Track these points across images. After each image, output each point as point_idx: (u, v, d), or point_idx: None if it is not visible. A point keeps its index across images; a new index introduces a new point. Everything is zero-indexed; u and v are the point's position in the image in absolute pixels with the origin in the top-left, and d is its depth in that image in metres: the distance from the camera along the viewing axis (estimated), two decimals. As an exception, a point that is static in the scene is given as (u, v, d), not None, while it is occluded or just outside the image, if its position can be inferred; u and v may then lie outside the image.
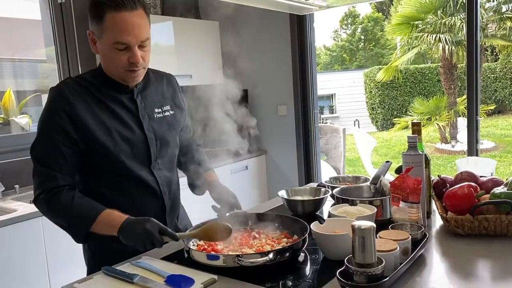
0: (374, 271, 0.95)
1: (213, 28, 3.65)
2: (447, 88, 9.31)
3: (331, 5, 2.02)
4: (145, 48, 1.30)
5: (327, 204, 1.64)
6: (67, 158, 1.28)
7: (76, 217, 1.27)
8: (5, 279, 2.12)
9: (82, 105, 1.29)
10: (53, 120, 1.27)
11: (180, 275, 1.11)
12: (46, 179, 1.28)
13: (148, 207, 1.39)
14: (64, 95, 1.28)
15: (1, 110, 3.06)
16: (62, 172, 1.28)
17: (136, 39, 1.25)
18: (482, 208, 1.29)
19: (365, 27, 18.56)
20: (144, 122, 1.37)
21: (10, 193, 2.63)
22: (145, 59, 1.32)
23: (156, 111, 1.42)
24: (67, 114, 1.27)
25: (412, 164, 1.35)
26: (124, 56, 1.27)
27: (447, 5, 8.94)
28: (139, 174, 1.36)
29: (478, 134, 2.97)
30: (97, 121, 1.30)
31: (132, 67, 1.29)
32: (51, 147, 1.27)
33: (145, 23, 1.29)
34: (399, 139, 10.26)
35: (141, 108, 1.39)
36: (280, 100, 3.72)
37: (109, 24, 1.23)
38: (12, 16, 3.28)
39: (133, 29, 1.24)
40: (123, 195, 1.35)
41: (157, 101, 1.44)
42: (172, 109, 1.47)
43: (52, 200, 1.27)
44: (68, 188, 1.29)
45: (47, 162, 1.28)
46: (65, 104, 1.27)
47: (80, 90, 1.31)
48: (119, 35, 1.24)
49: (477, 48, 2.88)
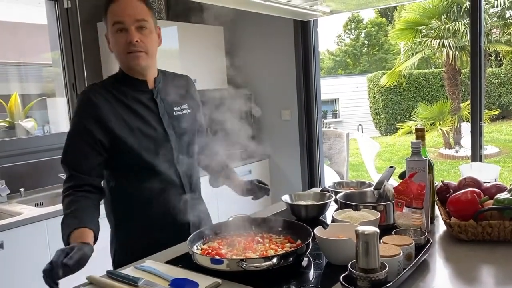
0: (377, 276, 0.95)
1: (218, 33, 3.67)
2: (450, 93, 9.29)
3: (335, 11, 2.03)
4: (144, 32, 1.39)
5: (331, 209, 1.64)
6: (89, 158, 1.37)
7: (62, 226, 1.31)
8: (9, 282, 2.13)
9: (106, 107, 1.39)
10: (79, 122, 1.38)
11: (184, 278, 1.12)
12: (67, 179, 1.38)
13: (172, 200, 1.46)
14: (90, 99, 1.39)
15: (6, 114, 3.08)
16: (83, 172, 1.36)
17: (130, 18, 1.36)
18: (486, 214, 1.29)
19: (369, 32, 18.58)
20: (164, 120, 1.46)
21: (16, 196, 2.65)
22: (146, 42, 1.40)
23: (175, 109, 1.51)
24: (92, 116, 1.37)
25: (416, 170, 1.35)
26: (123, 38, 1.37)
27: (451, 11, 8.94)
28: (161, 169, 1.43)
29: (482, 140, 2.96)
30: (121, 121, 1.39)
31: (131, 47, 1.37)
32: (75, 147, 1.38)
33: (142, 7, 1.39)
34: (402, 144, 10.24)
35: (161, 107, 1.47)
36: (283, 104, 3.73)
37: (110, 12, 1.39)
38: (18, 20, 3.31)
39: (126, 8, 1.37)
40: (148, 190, 1.42)
41: (176, 100, 1.52)
42: (189, 108, 1.56)
43: (63, 201, 1.36)
44: (83, 190, 1.35)
45: (70, 162, 1.38)
46: (91, 107, 1.38)
47: (105, 93, 1.42)
48: (115, 16, 1.37)
49: (481, 54, 2.88)
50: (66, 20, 3.06)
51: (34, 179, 2.81)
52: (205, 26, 3.63)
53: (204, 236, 1.36)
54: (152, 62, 1.46)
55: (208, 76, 3.55)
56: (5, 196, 2.57)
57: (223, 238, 1.37)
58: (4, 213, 2.43)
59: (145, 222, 1.46)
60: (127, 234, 1.49)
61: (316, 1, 1.85)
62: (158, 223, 1.45)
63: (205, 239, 1.35)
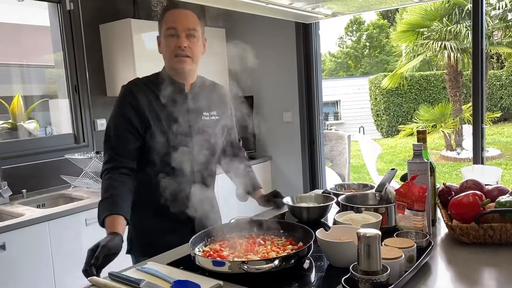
0: (379, 279, 0.95)
1: (220, 35, 3.68)
2: (452, 96, 9.29)
3: (337, 14, 2.03)
4: (193, 40, 1.56)
5: (332, 211, 1.64)
6: (128, 142, 1.53)
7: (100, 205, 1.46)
8: (12, 283, 2.13)
9: (144, 101, 1.55)
10: (121, 110, 1.55)
11: (186, 280, 1.12)
12: (108, 160, 1.53)
13: (185, 192, 1.54)
14: (131, 91, 1.56)
15: (9, 115, 3.09)
16: (123, 155, 1.52)
17: (182, 26, 1.53)
18: (488, 216, 1.29)
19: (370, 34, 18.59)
20: (191, 121, 1.60)
21: (18, 198, 2.65)
22: (193, 49, 1.57)
23: (204, 114, 1.64)
24: (132, 106, 1.54)
25: (418, 172, 1.35)
26: (173, 42, 1.54)
27: (452, 13, 8.94)
28: (181, 165, 1.54)
29: (484, 142, 2.96)
30: (155, 116, 1.55)
31: (179, 51, 1.53)
32: (117, 132, 1.54)
33: (194, 19, 1.58)
34: (404, 146, 10.23)
35: (192, 110, 1.61)
36: (285, 106, 3.74)
37: (166, 18, 1.56)
38: (21, 22, 3.32)
39: (180, 18, 1.55)
40: (166, 182, 1.52)
41: (206, 105, 1.65)
42: (218, 115, 1.69)
43: (103, 182, 1.51)
44: (120, 172, 1.50)
45: (112, 145, 1.54)
46: (131, 98, 1.55)
47: (144, 88, 1.58)
48: (170, 22, 1.55)
49: (482, 56, 2.88)
50: (68, 22, 3.07)
51: (36, 181, 2.81)
52: (207, 28, 3.62)
53: (206, 238, 1.36)
54: (195, 67, 1.62)
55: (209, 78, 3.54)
56: (7, 197, 2.57)
57: (225, 240, 1.37)
58: (6, 214, 2.44)
59: (157, 210, 1.57)
60: (139, 218, 1.59)
61: (318, 4, 1.85)
62: (166, 212, 1.53)
63: (207, 241, 1.36)
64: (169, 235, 1.56)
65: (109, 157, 1.53)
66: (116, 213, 1.41)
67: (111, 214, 1.41)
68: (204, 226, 1.46)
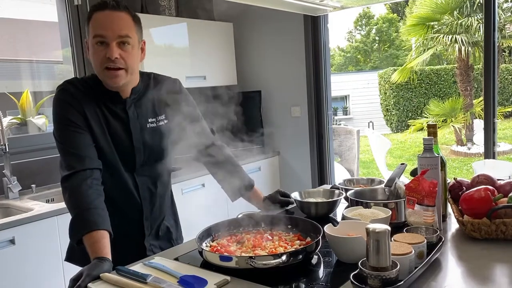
0: (388, 275, 0.94)
1: (227, 29, 3.66)
2: (463, 90, 9.19)
3: (346, 6, 2.01)
4: (126, 48, 1.34)
5: (341, 207, 1.62)
6: (83, 137, 1.34)
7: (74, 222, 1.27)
8: (21, 277, 2.15)
9: (85, 102, 1.37)
10: (65, 110, 1.35)
11: (193, 275, 1.11)
12: (69, 163, 1.32)
13: (127, 208, 1.47)
14: (69, 92, 1.37)
15: (18, 111, 3.11)
16: (81, 149, 1.33)
17: (113, 33, 1.31)
18: (500, 212, 1.26)
19: (380, 28, 18.44)
20: (134, 133, 1.43)
21: (27, 193, 2.67)
22: (127, 60, 1.34)
23: (149, 121, 1.46)
24: (74, 107, 1.35)
25: (428, 167, 1.33)
26: (102, 52, 1.32)
27: (463, 6, 8.82)
28: (122, 178, 1.43)
29: (495, 137, 2.92)
30: (96, 121, 1.38)
31: (109, 63, 1.32)
32: (68, 134, 1.34)
33: (127, 22, 1.34)
34: (414, 141, 10.15)
35: (133, 119, 1.43)
36: (293, 101, 3.71)
37: (93, 22, 1.33)
38: (30, 18, 3.34)
39: (111, 23, 1.31)
40: (110, 193, 1.38)
41: (152, 110, 1.47)
42: (167, 118, 1.49)
43: (73, 191, 1.29)
44: (92, 177, 1.31)
45: (68, 147, 1.33)
46: (72, 99, 1.36)
47: (84, 89, 1.39)
48: (98, 29, 1.32)
49: (494, 49, 2.84)
50: (76, 17, 3.07)
51: (46, 176, 2.83)
52: (214, 23, 3.62)
53: (213, 233, 1.36)
54: (131, 78, 1.40)
55: (217, 73, 3.54)
56: (16, 192, 2.59)
57: (232, 235, 1.37)
58: (16, 209, 2.46)
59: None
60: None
61: (326, -4, 1.84)
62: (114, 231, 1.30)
63: (214, 236, 1.35)
64: (116, 249, 1.29)
65: (69, 162, 1.31)
66: (100, 229, 1.22)
67: (92, 231, 1.21)
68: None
